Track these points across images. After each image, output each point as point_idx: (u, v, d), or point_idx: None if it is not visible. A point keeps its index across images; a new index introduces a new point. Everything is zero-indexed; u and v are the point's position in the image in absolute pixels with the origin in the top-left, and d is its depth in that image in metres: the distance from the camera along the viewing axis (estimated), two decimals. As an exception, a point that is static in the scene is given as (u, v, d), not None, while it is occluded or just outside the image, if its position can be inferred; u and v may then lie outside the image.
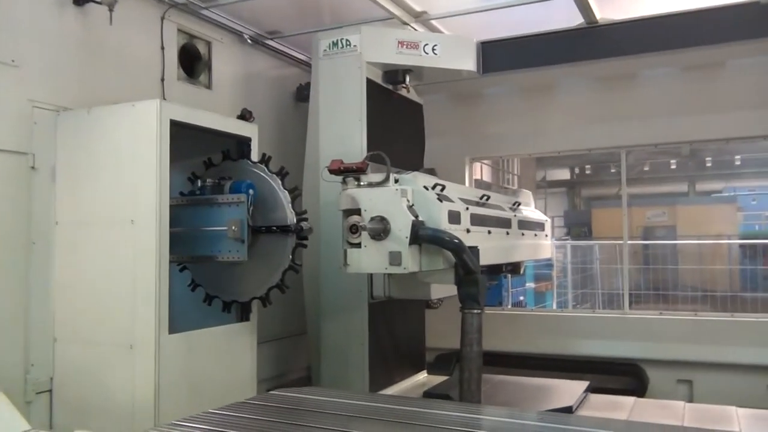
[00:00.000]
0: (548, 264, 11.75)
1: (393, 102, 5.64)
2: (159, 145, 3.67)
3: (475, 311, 3.90)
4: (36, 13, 4.03)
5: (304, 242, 4.10)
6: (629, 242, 6.85)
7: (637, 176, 15.78)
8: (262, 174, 4.19)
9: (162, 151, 3.69)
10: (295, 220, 4.03)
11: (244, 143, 4.38)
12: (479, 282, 3.88)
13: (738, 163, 15.40)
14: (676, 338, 6.10)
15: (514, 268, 5.84)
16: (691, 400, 5.77)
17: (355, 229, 3.80)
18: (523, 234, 5.32)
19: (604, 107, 6.42)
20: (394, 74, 5.45)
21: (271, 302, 4.25)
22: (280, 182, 4.13)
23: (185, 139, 3.98)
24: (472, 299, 3.89)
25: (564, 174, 19.09)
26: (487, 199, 4.78)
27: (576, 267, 12.01)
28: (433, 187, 4.08)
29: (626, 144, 6.57)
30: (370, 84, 5.19)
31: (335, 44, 5.16)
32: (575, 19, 5.53)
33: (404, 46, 5.27)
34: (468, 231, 4.15)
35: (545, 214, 6.42)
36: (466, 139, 6.99)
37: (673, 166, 16.51)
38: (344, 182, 3.95)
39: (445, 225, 3.86)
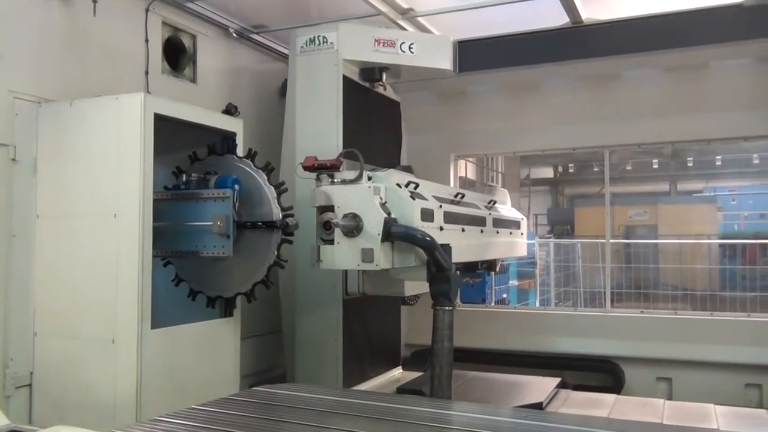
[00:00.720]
0: (531, 262, 11.84)
1: (370, 99, 5.66)
2: (143, 139, 3.65)
3: (447, 308, 3.93)
4: (19, 4, 3.98)
5: (290, 238, 4.09)
6: (611, 241, 6.91)
7: (620, 175, 15.92)
8: (247, 169, 4.18)
9: (146, 145, 3.66)
10: (281, 216, 4.02)
11: (229, 138, 4.37)
12: (451, 279, 3.91)
13: (719, 163, 15.60)
14: (657, 336, 6.18)
15: (490, 265, 5.92)
16: (670, 398, 5.86)
17: (328, 225, 3.83)
18: (498, 232, 5.37)
19: (589, 107, 6.48)
20: (371, 72, 5.48)
21: (256, 298, 4.25)
22: (266, 177, 4.12)
23: (170, 133, 3.96)
24: (443, 296, 3.92)
25: (548, 172, 19.22)
26: (462, 198, 4.82)
27: (559, 265, 12.10)
28: (407, 185, 4.11)
29: (610, 143, 6.63)
30: (347, 81, 5.21)
31: (312, 41, 5.18)
32: (562, 19, 5.57)
33: (381, 44, 5.29)
34: (441, 229, 4.19)
35: (528, 212, 6.50)
36: (450, 137, 7.03)
37: (655, 166, 16.68)
38: (318, 179, 3.98)
39: (417, 222, 3.90)
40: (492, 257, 5.61)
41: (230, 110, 4.43)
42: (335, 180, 3.92)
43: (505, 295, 10.55)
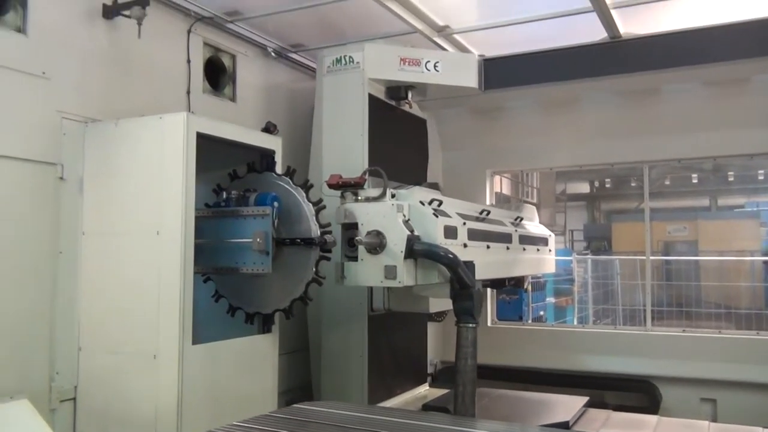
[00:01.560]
0: (569, 279, 11.70)
1: (396, 117, 5.74)
2: (185, 158, 3.73)
3: (470, 325, 3.95)
4: (66, 26, 4.11)
5: (328, 255, 4.12)
6: (651, 258, 6.79)
7: (658, 190, 15.67)
8: (286, 186, 4.23)
9: (188, 163, 3.74)
10: (319, 233, 4.06)
11: (268, 156, 4.43)
12: (474, 296, 3.93)
13: (761, 177, 15.24)
14: (700, 356, 6.04)
15: (517, 282, 5.93)
16: (715, 420, 5.71)
17: (352, 242, 3.90)
18: (524, 249, 5.39)
19: (627, 122, 6.40)
20: (397, 90, 5.56)
21: (294, 315, 4.28)
22: (304, 195, 4.17)
23: (210, 152, 4.03)
24: (467, 313, 3.94)
25: (584, 187, 19.02)
26: (487, 214, 4.85)
27: (597, 282, 11.93)
28: (430, 203, 4.15)
29: (649, 159, 6.55)
30: (373, 100, 5.29)
31: (339, 61, 5.28)
32: (600, 34, 5.54)
33: (406, 63, 5.37)
34: (465, 246, 4.23)
35: (565, 227, 6.48)
36: (486, 153, 7.01)
37: (695, 181, 16.37)
38: (343, 196, 4.06)
39: (440, 240, 3.95)
40: (518, 274, 5.63)
41: (269, 128, 4.49)
42: (359, 197, 4.00)
43: (542, 313, 10.44)
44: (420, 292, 4.24)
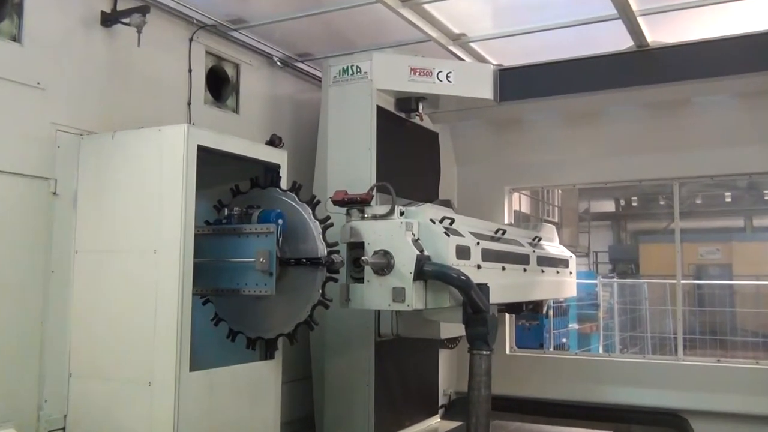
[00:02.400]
0: (593, 304, 11.62)
1: (406, 131, 5.78)
2: (185, 172, 3.74)
3: (484, 352, 3.96)
4: (63, 35, 4.16)
5: (335, 276, 4.12)
6: (682, 281, 6.74)
7: (689, 209, 15.59)
8: (291, 203, 4.24)
9: (188, 178, 3.76)
10: (326, 253, 4.06)
11: (272, 170, 4.45)
12: (488, 321, 3.95)
13: (800, 196, 15.14)
14: (736, 389, 5.96)
15: (535, 307, 5.93)
16: (753, 457, 5.62)
17: (358, 263, 3.92)
18: (543, 271, 5.39)
19: (656, 136, 6.39)
20: (407, 102, 5.60)
21: (298, 340, 4.27)
22: (310, 212, 4.17)
23: (212, 166, 4.05)
24: (480, 339, 3.96)
25: (609, 206, 18.94)
26: (503, 234, 4.86)
27: (623, 307, 11.84)
28: (442, 221, 4.16)
29: (679, 175, 6.52)
30: (381, 112, 5.33)
31: (345, 71, 5.32)
32: (625, 42, 5.55)
33: (417, 74, 5.40)
34: (479, 267, 4.25)
35: (588, 248, 6.46)
36: (504, 168, 7.03)
37: (729, 199, 16.27)
38: (348, 214, 4.10)
39: (452, 260, 3.96)
40: (537, 298, 5.64)
41: (274, 141, 4.51)
42: (366, 215, 4.03)
43: (564, 340, 10.37)
44: (430, 317, 4.25)
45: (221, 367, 4.03)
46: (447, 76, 5.47)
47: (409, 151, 5.85)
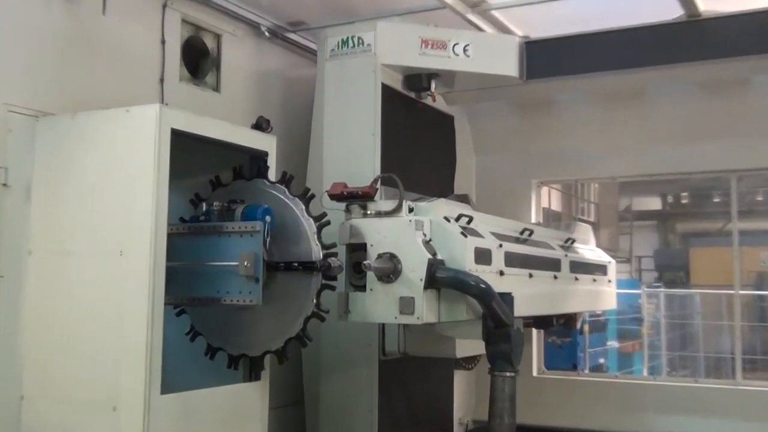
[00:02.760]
0: (636, 318, 11.60)
1: (416, 113, 5.81)
2: (157, 160, 3.74)
3: (508, 374, 3.98)
4: (15, 3, 4.16)
5: (333, 283, 4.11)
6: (740, 292, 6.72)
7: (748, 207, 15.52)
8: (281, 197, 4.23)
9: (161, 168, 3.75)
10: (321, 256, 4.05)
11: (259, 159, 4.44)
12: (512, 337, 3.97)
13: None
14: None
15: (568, 321, 5.95)
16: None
17: (359, 268, 3.93)
18: (577, 279, 5.41)
19: (709, 121, 6.37)
20: (417, 80, 5.61)
21: (289, 358, 4.27)
22: (303, 208, 4.16)
23: (188, 153, 4.05)
24: (503, 359, 3.98)
25: (654, 203, 18.90)
26: (530, 235, 4.87)
27: (672, 322, 11.82)
28: (458, 219, 4.17)
29: (737, 167, 6.51)
30: (387, 91, 5.33)
31: (345, 43, 5.32)
32: (673, 12, 5.53)
33: (429, 46, 5.40)
34: (501, 273, 4.27)
35: (630, 253, 6.47)
36: (532, 158, 7.03)
37: (796, 196, 16.20)
38: (348, 210, 4.12)
39: (470, 265, 3.98)
40: (569, 310, 5.68)
41: (261, 125, 4.51)
42: (368, 212, 4.05)
43: (602, 360, 10.37)
44: (444, 332, 4.27)
45: (198, 390, 4.03)
46: (464, 50, 5.47)
47: (419, 137, 5.86)
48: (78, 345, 3.87)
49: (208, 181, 4.44)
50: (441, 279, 3.85)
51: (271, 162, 4.46)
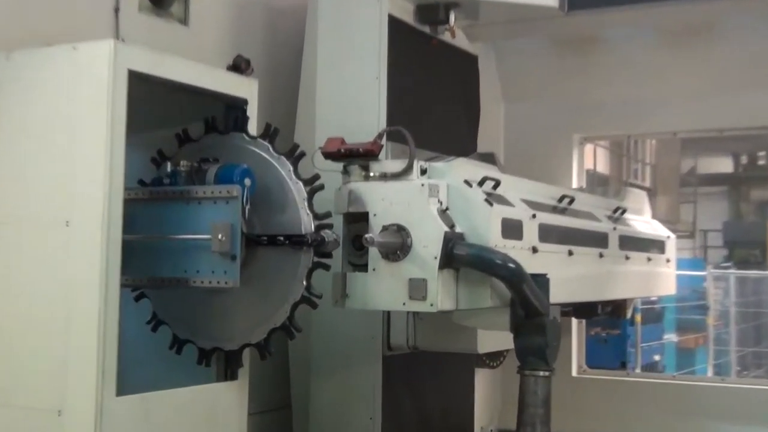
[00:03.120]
0: (700, 305, 11.60)
1: (431, 52, 5.78)
2: (111, 110, 3.71)
3: (541, 373, 4.01)
4: None
5: (326, 261, 4.12)
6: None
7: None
8: (264, 155, 4.22)
9: (115, 119, 3.73)
10: (312, 227, 4.05)
11: (237, 108, 4.43)
12: (547, 329, 3.99)
13: None
14: None
15: (616, 309, 5.97)
16: None
17: (360, 242, 3.94)
18: (627, 257, 5.44)
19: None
20: (433, 11, 5.58)
21: (272, 352, 4.29)
22: (291, 169, 4.15)
23: (149, 101, 4.05)
24: (536, 354, 4.01)
25: (724, 165, 18.85)
26: (570, 203, 4.87)
27: (744, 311, 11.83)
28: (482, 182, 4.16)
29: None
30: (396, 25, 5.31)
31: None
32: None
33: None
34: (535, 250, 4.29)
35: (693, 226, 6.49)
36: (573, 108, 7.03)
37: None
38: (346, 172, 4.13)
39: (496, 240, 3.99)
40: (618, 296, 5.71)
41: (239, 66, 4.49)
42: (371, 174, 4.06)
43: (657, 357, 10.40)
44: (463, 322, 4.29)
45: (161, 391, 4.06)
46: (492, -28, 5.46)
47: (434, 81, 5.84)
48: (15, 338, 3.89)
49: (174, 136, 4.43)
50: (460, 257, 3.86)
51: (252, 112, 4.46)
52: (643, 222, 6.04)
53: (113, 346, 3.73)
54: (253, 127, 4.42)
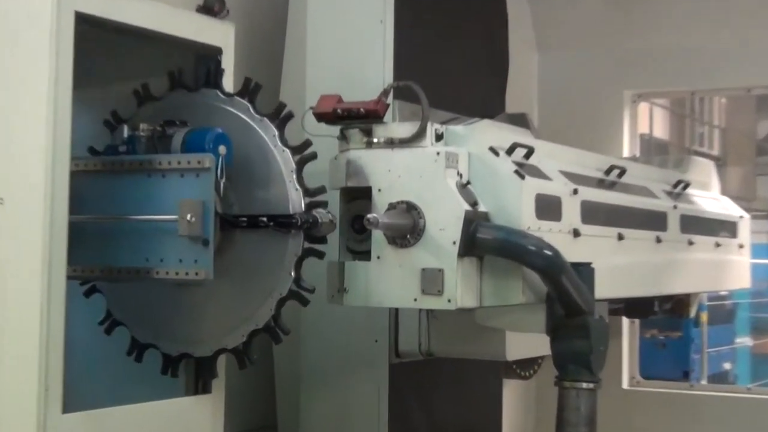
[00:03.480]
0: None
1: None
2: (55, 61, 3.71)
3: (584, 385, 4.02)
4: None
5: (320, 248, 4.13)
6: None
7: None
8: (243, 117, 4.24)
9: (60, 72, 3.72)
10: (302, 206, 4.06)
11: (209, 59, 4.45)
12: (591, 331, 3.98)
13: None
14: None
15: (676, 306, 6.01)
16: None
17: (361, 224, 3.95)
18: (691, 242, 5.46)
19: None
20: None
21: (253, 360, 4.30)
22: (276, 134, 4.16)
23: (101, 51, 4.05)
24: (578, 363, 4.03)
25: (811, 129, 18.83)
26: (621, 175, 4.89)
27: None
28: (511, 150, 4.15)
29: None
30: None
31: None
32: None
33: None
34: (576, 234, 4.30)
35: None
36: (625, 58, 7.05)
37: None
38: (343, 137, 4.14)
39: (529, 221, 4.00)
40: (679, 291, 5.75)
41: (212, 6, 4.49)
42: (375, 140, 4.06)
43: (727, 366, 10.41)
44: (488, 322, 4.32)
45: (118, 407, 4.07)
46: None
47: (453, 26, 5.84)
48: (-62, 339, 3.91)
49: (132, 93, 4.44)
50: (484, 242, 3.86)
51: (228, 64, 4.47)
52: (710, 199, 6.04)
53: (58, 353, 3.74)
54: (228, 83, 4.44)
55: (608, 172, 4.86)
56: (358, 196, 4.07)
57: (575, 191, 4.35)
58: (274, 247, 4.14)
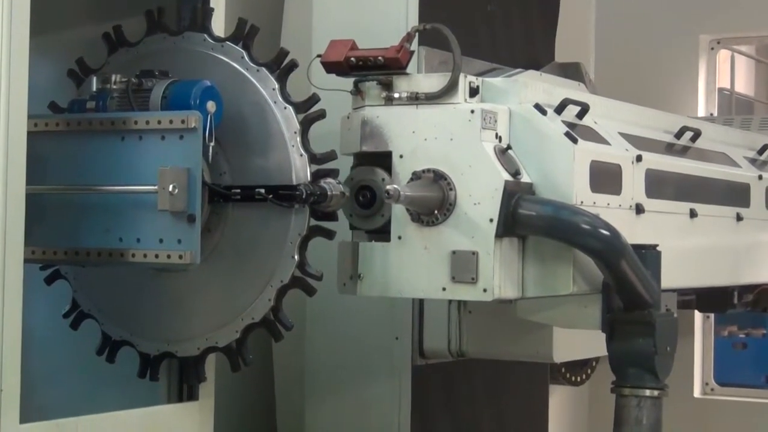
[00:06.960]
0: None
1: None
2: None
3: (647, 392, 4.03)
4: None
5: (329, 225, 4.15)
6: None
7: None
8: (236, 67, 4.25)
9: (16, 11, 3.74)
10: (308, 175, 4.08)
11: (193, -3, 4.46)
12: (656, 328, 3.99)
13: None
14: None
15: (760, 298, 6.04)
16: None
17: (367, 197, 4.00)
18: None
19: None
20: None
21: (248, 360, 4.32)
22: (277, 87, 4.17)
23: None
24: (640, 366, 4.04)
25: None
26: (694, 139, 4.91)
27: None
28: (561, 108, 4.16)
29: None
30: None
31: None
32: None
33: None
34: (640, 210, 4.30)
35: None
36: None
37: None
38: (358, 92, 4.12)
39: (582, 194, 4.00)
40: (766, 280, 5.74)
41: (196, -69, 4.51)
42: (396, 95, 4.04)
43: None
44: (532, 316, 4.33)
45: (86, 416, 4.09)
46: None
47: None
48: None
49: (102, 37, 4.46)
50: (528, 219, 3.87)
51: (218, 2, 4.47)
52: (804, 169, 6.02)
53: (15, 351, 3.77)
54: (219, 26, 4.45)
55: (679, 135, 4.84)
56: (376, 163, 4.05)
57: (639, 158, 4.33)
58: (273, 224, 4.16)
